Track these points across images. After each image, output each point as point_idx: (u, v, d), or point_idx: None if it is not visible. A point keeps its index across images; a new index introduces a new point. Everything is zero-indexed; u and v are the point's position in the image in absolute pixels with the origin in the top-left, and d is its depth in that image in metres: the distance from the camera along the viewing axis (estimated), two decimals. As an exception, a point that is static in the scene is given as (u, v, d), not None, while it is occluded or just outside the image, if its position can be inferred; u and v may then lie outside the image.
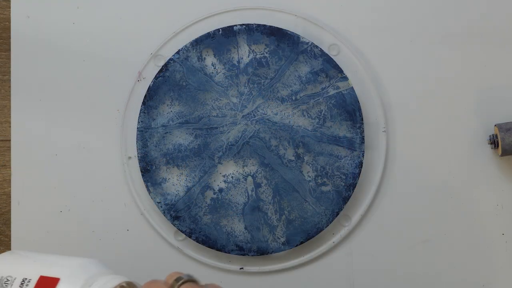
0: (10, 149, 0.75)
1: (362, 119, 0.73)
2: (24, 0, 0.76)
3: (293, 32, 0.74)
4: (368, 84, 0.75)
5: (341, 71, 0.73)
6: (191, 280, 0.52)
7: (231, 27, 0.74)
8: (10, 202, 0.75)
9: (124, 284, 0.51)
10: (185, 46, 0.74)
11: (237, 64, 0.74)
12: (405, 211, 0.74)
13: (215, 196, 0.73)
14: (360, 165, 0.73)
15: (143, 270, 0.74)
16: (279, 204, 0.73)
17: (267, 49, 0.74)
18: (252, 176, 0.73)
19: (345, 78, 0.73)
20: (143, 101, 0.73)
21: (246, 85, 0.74)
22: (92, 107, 0.75)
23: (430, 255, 0.74)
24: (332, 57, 0.74)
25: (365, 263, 0.74)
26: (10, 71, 0.76)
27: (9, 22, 0.76)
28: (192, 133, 0.73)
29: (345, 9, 0.76)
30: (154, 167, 0.73)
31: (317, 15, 0.76)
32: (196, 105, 0.73)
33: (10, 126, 0.75)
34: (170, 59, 0.74)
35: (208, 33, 0.74)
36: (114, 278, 0.52)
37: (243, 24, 0.74)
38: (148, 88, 0.74)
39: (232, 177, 0.73)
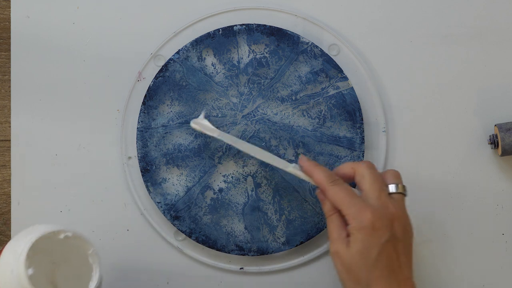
0: (10, 149, 0.75)
1: (362, 119, 0.73)
2: (24, 0, 0.76)
3: (293, 32, 0.74)
4: (368, 84, 0.75)
5: (341, 71, 0.73)
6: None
7: (231, 27, 0.74)
8: (10, 202, 0.75)
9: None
10: (185, 46, 0.74)
11: (237, 64, 0.74)
12: (405, 211, 0.74)
13: (215, 196, 0.73)
14: (360, 165, 0.73)
15: (143, 270, 0.74)
16: (279, 204, 0.73)
17: (267, 49, 0.74)
18: (252, 176, 0.73)
19: (345, 78, 0.73)
20: (143, 101, 0.73)
21: (246, 85, 0.74)
22: (92, 107, 0.75)
23: (430, 255, 0.74)
24: (332, 57, 0.74)
25: (365, 263, 0.74)
26: (10, 71, 0.76)
27: (9, 22, 0.76)
28: (192, 133, 0.73)
29: (345, 9, 0.76)
30: (154, 167, 0.73)
31: (317, 15, 0.76)
32: (196, 105, 0.73)
33: (10, 126, 0.75)
34: (170, 59, 0.74)
35: (208, 33, 0.74)
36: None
37: (243, 24, 0.74)
38: (148, 88, 0.74)
39: (232, 177, 0.73)
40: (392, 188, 0.64)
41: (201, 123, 0.70)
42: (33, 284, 0.56)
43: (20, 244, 0.58)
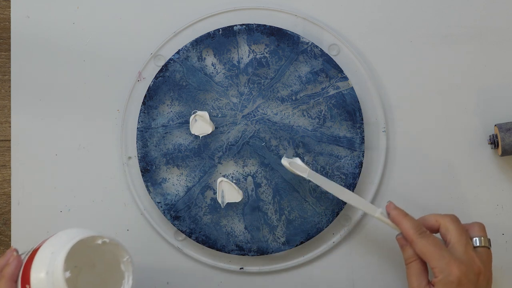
0: (10, 149, 0.75)
1: (362, 119, 0.73)
2: (24, 0, 0.76)
3: (293, 32, 0.74)
4: (368, 84, 0.75)
5: (341, 71, 0.73)
6: None
7: (231, 27, 0.74)
8: (10, 202, 0.75)
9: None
10: (185, 46, 0.74)
11: (237, 64, 0.74)
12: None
13: (215, 196, 0.73)
14: (360, 165, 0.73)
15: (143, 270, 0.74)
16: (279, 204, 0.73)
17: (267, 49, 0.74)
18: (252, 176, 0.73)
19: (345, 78, 0.73)
20: (143, 101, 0.73)
21: (246, 85, 0.74)
22: (92, 107, 0.75)
23: (430, 255, 0.74)
24: (332, 57, 0.74)
25: (365, 263, 0.74)
26: (10, 71, 0.76)
27: (9, 22, 0.76)
28: (192, 133, 0.73)
29: (345, 9, 0.76)
30: (154, 167, 0.73)
31: (317, 15, 0.76)
32: (196, 105, 0.73)
33: (10, 126, 0.75)
34: (170, 59, 0.74)
35: (208, 33, 0.74)
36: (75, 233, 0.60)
37: (243, 24, 0.74)
38: (148, 88, 0.74)
39: (232, 177, 0.73)
40: (477, 241, 0.64)
41: (293, 162, 0.70)
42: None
43: (56, 246, 0.57)
